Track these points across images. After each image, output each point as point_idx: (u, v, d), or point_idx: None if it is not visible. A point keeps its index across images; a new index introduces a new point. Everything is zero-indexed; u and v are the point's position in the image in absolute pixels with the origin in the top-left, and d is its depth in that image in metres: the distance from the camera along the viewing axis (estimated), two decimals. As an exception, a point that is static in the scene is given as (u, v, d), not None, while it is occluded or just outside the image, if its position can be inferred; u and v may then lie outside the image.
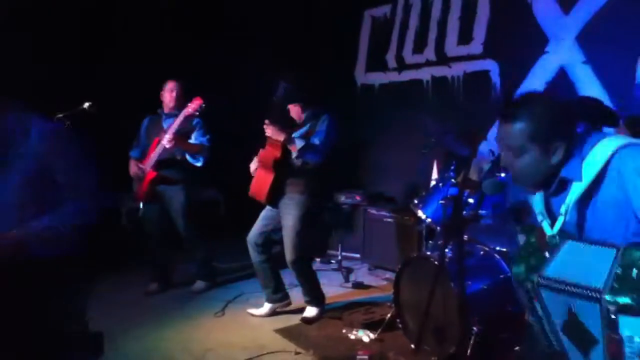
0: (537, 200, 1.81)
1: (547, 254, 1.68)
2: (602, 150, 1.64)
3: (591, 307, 1.50)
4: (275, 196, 3.89)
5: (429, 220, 3.66)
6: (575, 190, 1.67)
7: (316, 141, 3.82)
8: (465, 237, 3.47)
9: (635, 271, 1.46)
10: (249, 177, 4.16)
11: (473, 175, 4.29)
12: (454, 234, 2.67)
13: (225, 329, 3.99)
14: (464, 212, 3.17)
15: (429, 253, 3.49)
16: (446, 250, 3.29)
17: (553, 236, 1.71)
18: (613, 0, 3.92)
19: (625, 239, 1.63)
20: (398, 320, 3.52)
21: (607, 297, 1.45)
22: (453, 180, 3.60)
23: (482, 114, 4.76)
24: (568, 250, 1.65)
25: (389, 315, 3.74)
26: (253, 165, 4.05)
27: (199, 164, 4.62)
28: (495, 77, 4.73)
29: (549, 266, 1.64)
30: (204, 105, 4.43)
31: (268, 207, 4.08)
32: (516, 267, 1.72)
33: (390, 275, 5.02)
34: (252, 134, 4.53)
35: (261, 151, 3.97)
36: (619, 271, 1.48)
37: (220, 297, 4.59)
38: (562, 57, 4.23)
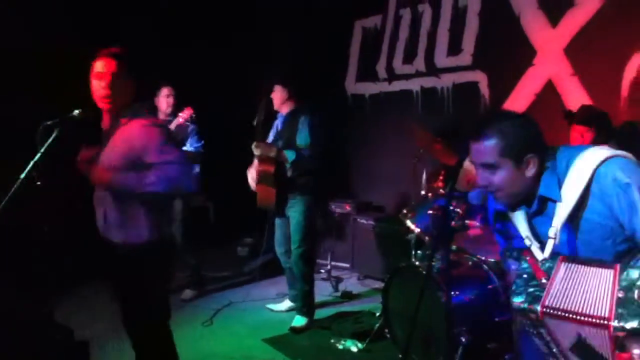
0: (520, 223, 1.81)
1: (543, 280, 1.67)
2: (583, 167, 1.66)
3: (600, 332, 1.51)
4: (282, 205, 4.11)
5: (418, 230, 3.67)
6: (562, 211, 1.68)
7: (307, 151, 3.96)
8: (454, 247, 3.50)
9: (636, 292, 1.48)
10: (238, 183, 4.22)
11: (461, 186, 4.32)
12: (442, 244, 2.68)
13: (213, 338, 3.98)
14: (452, 222, 3.18)
15: (417, 263, 3.50)
16: (434, 260, 3.30)
17: (545, 260, 1.71)
18: (600, 12, 3.97)
19: (615, 253, 1.66)
20: (386, 330, 3.52)
21: (615, 324, 1.47)
22: (441, 190, 3.62)
23: (471, 124, 4.79)
24: (565, 275, 1.64)
25: (377, 325, 3.74)
26: (252, 182, 4.25)
27: (194, 171, 4.62)
28: (484, 89, 4.76)
29: (550, 295, 1.62)
30: (194, 115, 4.44)
31: (278, 219, 4.29)
32: (516, 298, 1.69)
33: (379, 284, 5.02)
34: (241, 141, 4.55)
35: (256, 168, 4.16)
36: (620, 295, 1.49)
37: (208, 306, 4.58)
38: (550, 69, 4.27)
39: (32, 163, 2.52)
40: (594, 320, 1.51)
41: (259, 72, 6.18)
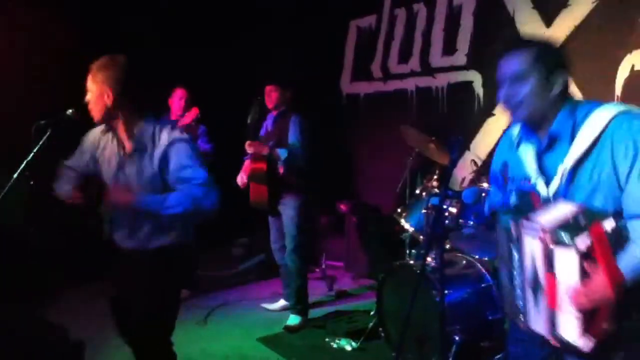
0: (528, 158, 1.82)
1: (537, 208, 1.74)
2: (602, 114, 1.67)
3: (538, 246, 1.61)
4: (274, 203, 4.14)
5: (412, 229, 3.68)
6: (573, 153, 1.68)
7: (298, 148, 4.03)
8: (448, 246, 3.51)
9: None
10: (232, 184, 4.23)
11: (455, 185, 4.34)
12: (436, 243, 2.69)
13: (207, 338, 3.98)
14: (446, 222, 3.19)
15: (411, 262, 3.51)
16: (428, 259, 3.31)
17: (548, 199, 1.73)
18: (594, 13, 3.98)
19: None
20: (380, 329, 3.53)
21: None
22: (435, 190, 3.62)
23: (465, 124, 4.81)
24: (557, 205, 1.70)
25: (371, 324, 3.75)
26: (240, 180, 4.31)
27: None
28: (479, 88, 4.77)
29: (536, 214, 1.69)
30: (199, 115, 4.47)
31: (271, 217, 4.31)
32: (504, 215, 1.79)
33: (373, 283, 5.03)
34: (236, 141, 4.55)
35: (248, 166, 4.21)
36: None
37: (202, 305, 4.57)
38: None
39: (25, 162, 2.51)
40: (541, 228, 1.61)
41: (253, 72, 6.22)
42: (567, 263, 1.56)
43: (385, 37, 5.71)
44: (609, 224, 1.54)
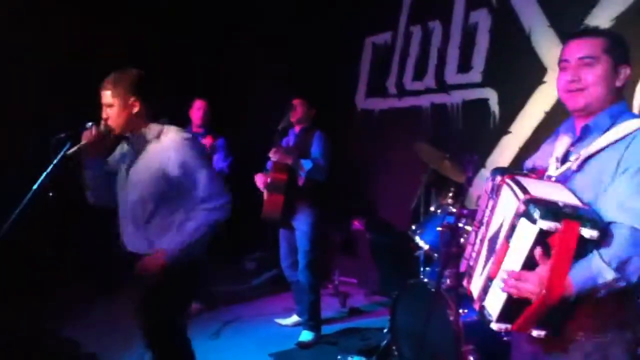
0: (561, 146, 1.79)
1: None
2: (632, 123, 1.66)
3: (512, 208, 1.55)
4: (288, 215, 4.09)
5: (426, 247, 3.66)
6: (593, 146, 1.66)
7: (321, 161, 4.03)
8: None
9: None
10: (245, 197, 4.23)
11: (471, 203, 4.31)
12: (452, 262, 2.67)
13: (220, 352, 3.96)
14: (461, 240, 3.17)
15: (426, 280, 3.48)
16: (443, 277, 3.28)
17: (549, 177, 1.71)
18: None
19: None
20: (394, 347, 3.50)
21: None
22: (451, 207, 3.61)
23: (481, 141, 4.80)
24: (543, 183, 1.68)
25: (384, 342, 3.72)
26: (261, 181, 4.23)
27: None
28: (494, 106, 4.76)
29: (522, 177, 1.68)
30: (214, 143, 4.68)
31: (283, 231, 4.29)
32: (495, 170, 1.80)
33: (386, 301, 5.00)
34: (251, 154, 4.59)
35: (265, 176, 4.16)
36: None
37: (216, 319, 4.57)
38: (560, 87, 4.26)
39: (44, 174, 2.55)
40: (521, 189, 1.55)
41: (269, 86, 6.27)
42: (523, 240, 1.47)
43: (401, 54, 5.73)
44: (589, 232, 1.42)
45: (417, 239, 3.71)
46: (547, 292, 1.42)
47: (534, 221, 1.43)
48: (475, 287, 1.67)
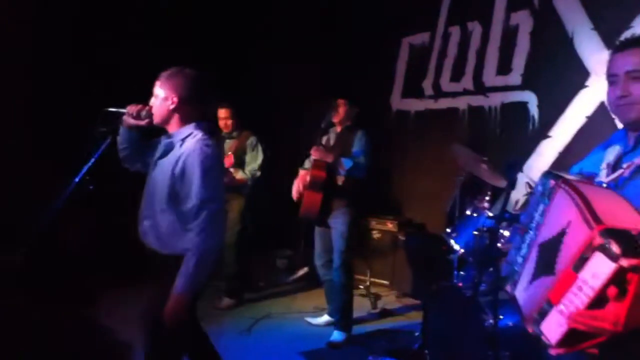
0: (611, 154, 1.76)
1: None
2: None
3: (583, 230, 1.40)
4: (325, 214, 4.10)
5: (461, 250, 3.62)
6: None
7: (362, 159, 4.04)
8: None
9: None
10: (276, 196, 4.28)
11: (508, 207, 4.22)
12: (489, 266, 2.64)
13: (250, 349, 3.99)
14: (499, 245, 3.12)
15: (460, 284, 3.44)
16: (479, 281, 3.24)
17: (600, 183, 1.65)
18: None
19: None
20: (426, 351, 3.46)
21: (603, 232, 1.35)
22: (487, 211, 3.55)
23: (519, 145, 4.72)
24: (602, 190, 1.60)
25: (416, 345, 3.69)
26: (296, 191, 4.27)
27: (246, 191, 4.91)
28: (534, 109, 4.68)
29: (576, 181, 1.58)
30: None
31: (318, 229, 4.29)
32: (544, 176, 1.70)
33: (418, 303, 4.97)
34: (285, 151, 4.61)
35: (304, 174, 4.18)
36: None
37: (247, 316, 4.60)
38: (603, 91, 4.15)
39: (85, 167, 2.60)
40: (591, 215, 1.40)
41: (302, 86, 6.30)
42: (596, 274, 1.35)
43: (438, 55, 5.68)
44: None
45: (452, 241, 3.67)
46: (623, 328, 1.35)
47: (614, 258, 1.31)
48: (522, 295, 1.61)
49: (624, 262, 1.29)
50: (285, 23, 6.70)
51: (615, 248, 1.30)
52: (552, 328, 1.45)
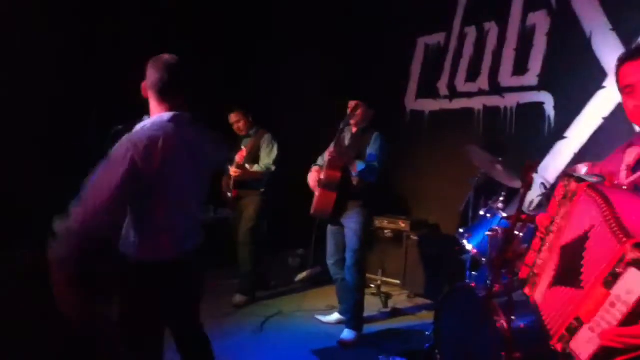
0: (630, 156, 1.73)
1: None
2: None
3: (609, 240, 1.35)
4: (338, 213, 4.10)
5: (474, 251, 3.60)
6: None
7: (375, 163, 4.03)
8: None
9: None
10: (289, 194, 4.29)
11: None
12: (502, 267, 2.61)
13: (262, 346, 4.00)
14: (513, 246, 3.10)
15: (473, 284, 3.42)
16: (492, 282, 3.22)
17: (621, 185, 1.63)
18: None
19: None
20: (437, 351, 3.45)
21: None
22: (502, 212, 3.53)
23: (534, 146, 4.69)
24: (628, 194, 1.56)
25: (427, 345, 3.68)
26: (312, 179, 4.27)
27: (262, 189, 4.95)
28: (550, 110, 4.64)
29: (602, 184, 1.55)
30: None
31: (331, 228, 4.30)
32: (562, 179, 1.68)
33: (429, 303, 4.95)
34: (300, 150, 4.61)
35: (321, 173, 4.17)
36: None
37: (259, 314, 4.61)
38: (621, 93, 4.12)
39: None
40: (619, 227, 1.34)
41: (318, 86, 6.30)
42: (630, 290, 1.32)
43: (454, 55, 5.65)
44: None
45: (465, 242, 3.66)
46: None
47: None
48: (543, 300, 1.59)
49: None
50: (300, 21, 6.70)
51: None
52: (583, 345, 1.40)
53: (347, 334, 4.10)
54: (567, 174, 1.71)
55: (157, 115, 2.35)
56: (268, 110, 5.28)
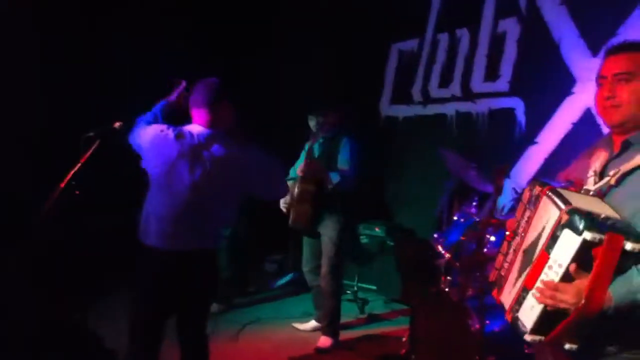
0: (598, 161, 1.76)
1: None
2: None
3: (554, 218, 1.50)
4: (315, 224, 4.10)
5: (448, 255, 3.63)
6: (635, 161, 1.62)
7: (348, 172, 4.01)
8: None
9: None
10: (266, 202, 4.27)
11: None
12: (475, 271, 2.65)
13: (239, 354, 3.98)
14: (485, 250, 3.14)
15: (447, 289, 3.46)
16: (466, 287, 3.26)
17: (588, 191, 1.66)
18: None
19: None
20: (413, 356, 3.47)
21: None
22: (474, 216, 3.58)
23: (506, 151, 4.76)
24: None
25: (403, 350, 3.70)
26: (283, 202, 4.22)
27: None
28: (521, 115, 4.72)
29: (560, 186, 1.66)
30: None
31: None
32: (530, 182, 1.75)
33: (406, 309, 4.97)
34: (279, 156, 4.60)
35: (297, 186, 4.10)
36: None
37: (235, 321, 4.58)
38: (589, 98, 4.19)
39: (71, 173, 2.59)
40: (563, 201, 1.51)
41: (292, 93, 6.30)
42: (565, 251, 1.44)
43: (427, 61, 5.71)
44: (633, 246, 1.40)
45: (439, 247, 3.69)
46: (586, 303, 1.40)
47: (578, 232, 1.41)
48: (507, 297, 1.65)
49: (588, 236, 1.38)
50: (278, 30, 6.70)
51: (579, 223, 1.40)
52: (528, 314, 1.52)
53: (323, 340, 4.10)
54: (534, 179, 1.76)
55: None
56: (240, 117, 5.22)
